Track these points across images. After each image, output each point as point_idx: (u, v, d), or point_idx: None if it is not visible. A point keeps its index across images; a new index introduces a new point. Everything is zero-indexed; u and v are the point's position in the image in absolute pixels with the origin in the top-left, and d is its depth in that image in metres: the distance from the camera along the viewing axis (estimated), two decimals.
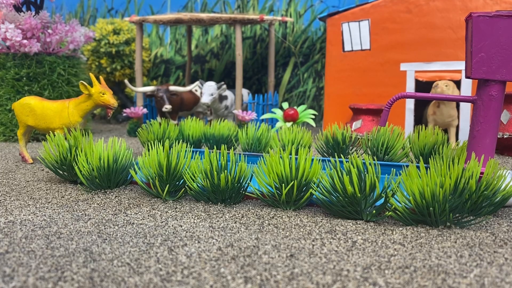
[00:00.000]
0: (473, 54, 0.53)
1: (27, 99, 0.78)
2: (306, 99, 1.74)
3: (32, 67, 1.09)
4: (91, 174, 0.60)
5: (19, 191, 0.61)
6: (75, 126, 0.74)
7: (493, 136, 0.54)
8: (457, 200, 0.46)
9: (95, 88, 0.72)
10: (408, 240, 0.43)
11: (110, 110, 0.75)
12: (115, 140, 0.64)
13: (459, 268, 0.37)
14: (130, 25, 1.67)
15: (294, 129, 0.85)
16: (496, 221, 0.49)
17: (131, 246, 0.41)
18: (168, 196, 0.57)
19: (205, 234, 0.44)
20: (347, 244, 0.42)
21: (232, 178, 0.53)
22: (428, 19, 1.10)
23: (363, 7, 1.18)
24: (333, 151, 0.82)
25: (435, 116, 1.08)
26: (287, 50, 1.75)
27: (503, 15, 0.52)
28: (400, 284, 0.34)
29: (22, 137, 0.81)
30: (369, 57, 1.18)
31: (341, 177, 0.49)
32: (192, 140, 0.89)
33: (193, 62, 1.87)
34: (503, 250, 0.41)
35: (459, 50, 1.08)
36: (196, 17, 1.34)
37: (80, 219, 0.49)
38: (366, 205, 0.49)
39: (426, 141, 0.75)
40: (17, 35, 1.04)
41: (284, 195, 0.52)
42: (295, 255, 0.39)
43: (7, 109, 1.09)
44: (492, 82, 0.53)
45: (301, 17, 1.73)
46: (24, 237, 0.43)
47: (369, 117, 1.10)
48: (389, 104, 0.56)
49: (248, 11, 1.79)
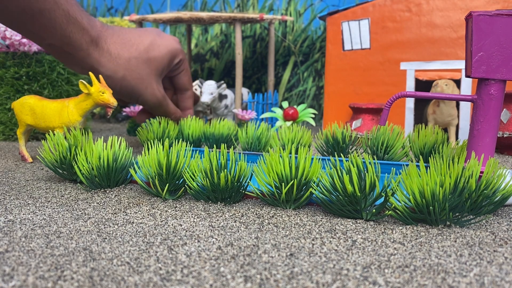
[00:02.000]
0: (473, 53, 0.53)
1: (27, 98, 0.78)
2: (306, 98, 1.74)
3: (32, 66, 1.09)
4: (91, 173, 0.60)
5: (18, 190, 0.61)
6: (75, 125, 0.74)
7: (493, 135, 0.54)
8: (457, 199, 0.46)
9: (94, 87, 0.72)
10: (408, 239, 0.43)
11: (109, 109, 0.75)
12: (114, 139, 0.64)
13: (459, 267, 0.37)
14: (130, 24, 1.67)
15: (294, 128, 0.85)
16: (496, 220, 0.49)
17: (130, 245, 0.41)
18: (168, 195, 0.57)
19: (204, 233, 0.44)
20: (347, 243, 0.42)
21: (232, 177, 0.53)
22: (428, 18, 1.10)
23: (363, 6, 1.18)
24: (333, 150, 0.82)
25: (435, 115, 1.08)
26: (287, 49, 1.75)
27: (503, 14, 0.52)
28: (400, 283, 0.34)
29: (21, 136, 0.81)
30: (369, 56, 1.18)
31: (341, 176, 0.49)
32: (191, 139, 0.89)
33: (193, 61, 1.87)
34: (503, 249, 0.41)
35: (459, 49, 1.08)
36: (195, 16, 1.34)
37: (80, 218, 0.49)
38: (366, 204, 0.49)
39: (426, 140, 0.75)
40: (16, 34, 1.04)
41: (284, 194, 0.52)
42: (295, 254, 0.39)
43: (6, 108, 1.09)
44: (492, 81, 0.53)
45: (301, 16, 1.72)
46: (24, 236, 0.43)
47: (369, 116, 1.10)
48: (389, 103, 0.56)
49: (248, 10, 1.79)
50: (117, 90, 0.83)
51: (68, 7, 0.71)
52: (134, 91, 0.85)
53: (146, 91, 0.86)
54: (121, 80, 0.82)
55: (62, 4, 0.70)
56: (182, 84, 0.99)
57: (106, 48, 0.79)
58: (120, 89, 0.83)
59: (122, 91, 0.84)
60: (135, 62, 0.83)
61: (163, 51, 0.88)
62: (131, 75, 0.83)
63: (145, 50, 0.85)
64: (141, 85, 0.85)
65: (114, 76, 0.81)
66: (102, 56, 0.79)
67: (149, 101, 0.88)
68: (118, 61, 0.81)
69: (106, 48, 0.79)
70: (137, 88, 0.85)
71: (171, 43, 0.90)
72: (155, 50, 0.87)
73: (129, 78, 0.83)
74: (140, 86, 0.85)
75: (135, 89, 0.85)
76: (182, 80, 0.98)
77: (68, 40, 0.74)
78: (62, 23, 0.71)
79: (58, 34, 0.72)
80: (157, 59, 0.87)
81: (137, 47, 0.84)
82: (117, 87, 0.83)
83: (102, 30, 0.79)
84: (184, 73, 0.98)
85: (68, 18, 0.71)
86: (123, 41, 0.83)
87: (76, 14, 0.73)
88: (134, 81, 0.84)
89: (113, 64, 0.81)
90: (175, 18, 1.36)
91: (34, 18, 0.68)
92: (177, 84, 0.99)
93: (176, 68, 0.95)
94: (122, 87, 0.83)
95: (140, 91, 0.86)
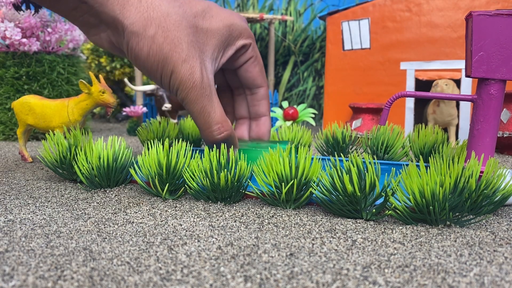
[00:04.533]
0: (473, 53, 0.53)
1: (27, 98, 0.78)
2: (306, 98, 1.74)
3: (32, 66, 1.09)
4: (91, 173, 0.60)
5: (18, 190, 0.61)
6: (75, 125, 0.74)
7: (493, 135, 0.54)
8: (457, 199, 0.46)
9: (94, 87, 0.72)
10: (408, 239, 0.43)
11: (109, 109, 0.75)
12: (114, 139, 0.64)
13: (459, 267, 0.37)
14: None
15: (294, 128, 0.85)
16: (496, 220, 0.49)
17: (130, 245, 0.41)
18: (168, 195, 0.57)
19: (204, 233, 0.44)
20: (347, 243, 0.42)
21: (232, 177, 0.53)
22: (428, 18, 1.10)
23: (363, 6, 1.18)
24: (333, 150, 0.82)
25: (435, 115, 1.08)
26: (287, 49, 1.75)
27: (503, 14, 0.52)
28: (400, 283, 0.34)
29: (21, 136, 0.81)
30: (369, 56, 1.18)
31: (341, 176, 0.49)
32: (192, 139, 0.89)
33: None
34: (503, 249, 0.41)
35: (459, 49, 1.08)
36: None
37: (80, 218, 0.49)
38: (366, 204, 0.49)
39: (426, 140, 0.75)
40: (16, 34, 1.04)
41: (284, 194, 0.52)
42: (295, 254, 0.39)
43: (6, 108, 1.09)
44: (492, 81, 0.53)
45: (301, 16, 1.72)
46: (24, 236, 0.43)
47: (369, 116, 1.10)
48: (389, 103, 0.56)
49: (247, 10, 1.78)
50: (143, 57, 0.57)
51: None
52: (167, 60, 0.57)
53: (183, 66, 0.57)
54: (151, 39, 0.56)
55: None
56: (250, 78, 0.69)
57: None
58: (147, 56, 0.57)
59: (149, 59, 0.57)
60: (176, 19, 0.57)
61: (219, 24, 0.62)
62: (166, 36, 0.56)
63: (195, 14, 0.60)
64: (177, 54, 0.57)
65: (142, 33, 0.56)
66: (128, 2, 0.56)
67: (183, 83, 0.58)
68: (151, 13, 0.56)
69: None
70: (171, 56, 0.57)
71: (234, 18, 0.64)
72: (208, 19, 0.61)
73: (162, 40, 0.56)
74: (175, 55, 0.57)
75: (168, 58, 0.57)
76: (251, 72, 0.68)
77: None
78: None
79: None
80: (208, 31, 0.61)
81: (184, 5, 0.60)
82: (144, 52, 0.57)
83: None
84: (254, 63, 0.68)
85: None
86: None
87: None
88: (168, 46, 0.57)
89: (142, 14, 0.56)
90: None
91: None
92: (243, 78, 0.69)
93: (240, 55, 0.67)
94: (150, 52, 0.56)
95: (175, 63, 0.57)
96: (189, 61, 0.57)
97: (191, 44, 0.58)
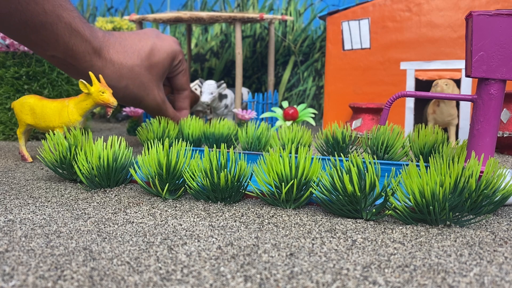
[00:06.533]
0: (473, 53, 0.53)
1: (27, 97, 0.78)
2: (306, 98, 1.74)
3: (32, 65, 1.09)
4: (91, 173, 0.60)
5: (18, 189, 0.61)
6: (75, 125, 0.74)
7: (493, 135, 0.54)
8: (457, 199, 0.46)
9: (94, 87, 0.72)
10: (408, 239, 0.43)
11: (109, 109, 0.75)
12: (114, 139, 0.64)
13: (459, 267, 0.37)
14: (129, 24, 1.67)
15: (294, 128, 0.85)
16: (496, 220, 0.49)
17: (130, 245, 0.41)
18: (168, 195, 0.57)
19: (204, 233, 0.44)
20: (347, 243, 0.42)
21: (232, 177, 0.53)
22: (428, 18, 1.10)
23: (363, 5, 1.18)
24: (333, 150, 0.82)
25: (435, 115, 1.08)
26: (287, 49, 1.75)
27: (503, 14, 0.52)
28: (400, 283, 0.34)
29: (21, 135, 0.81)
30: (369, 56, 1.18)
31: (341, 176, 0.49)
32: (191, 139, 0.89)
33: (193, 61, 1.87)
34: (503, 249, 0.41)
35: (459, 49, 1.08)
36: (195, 16, 1.34)
37: (80, 218, 0.49)
38: (366, 204, 0.49)
39: (426, 140, 0.75)
40: None
41: (284, 194, 0.52)
42: (295, 254, 0.39)
43: (6, 107, 1.09)
44: (492, 81, 0.53)
45: (301, 16, 1.72)
46: (24, 236, 0.43)
47: (369, 116, 1.10)
48: (389, 103, 0.56)
49: (248, 9, 1.78)
50: (120, 98, 0.85)
51: (70, 20, 0.71)
52: (137, 98, 0.87)
53: (148, 97, 0.89)
54: (124, 88, 0.83)
55: (64, 17, 0.70)
56: (180, 85, 1.01)
57: (108, 58, 0.80)
58: (123, 97, 0.85)
59: (125, 98, 0.86)
60: (137, 70, 0.84)
61: (164, 55, 0.90)
62: (134, 83, 0.84)
63: (147, 56, 0.86)
64: (143, 92, 0.87)
65: (117, 85, 0.82)
66: (105, 66, 0.79)
67: (150, 106, 0.91)
68: (121, 71, 0.82)
69: (109, 58, 0.80)
70: (139, 95, 0.87)
71: (171, 45, 0.92)
72: (156, 56, 0.88)
73: (132, 87, 0.84)
74: (142, 93, 0.87)
75: (138, 96, 0.87)
76: (181, 80, 1.00)
77: (71, 52, 0.74)
78: (64, 36, 0.71)
79: (61, 46, 0.72)
80: (158, 64, 0.89)
81: (139, 53, 0.85)
82: (120, 95, 0.84)
83: (104, 40, 0.79)
84: (183, 74, 1.00)
85: (70, 30, 0.71)
86: (124, 49, 0.83)
87: (78, 26, 0.72)
88: (136, 89, 0.86)
89: (116, 73, 0.81)
90: (175, 18, 1.36)
91: (36, 30, 0.68)
92: (175, 84, 1.01)
93: (175, 69, 0.97)
94: (125, 95, 0.85)
95: (142, 97, 0.88)
96: (151, 93, 0.90)
97: (150, 81, 0.88)
